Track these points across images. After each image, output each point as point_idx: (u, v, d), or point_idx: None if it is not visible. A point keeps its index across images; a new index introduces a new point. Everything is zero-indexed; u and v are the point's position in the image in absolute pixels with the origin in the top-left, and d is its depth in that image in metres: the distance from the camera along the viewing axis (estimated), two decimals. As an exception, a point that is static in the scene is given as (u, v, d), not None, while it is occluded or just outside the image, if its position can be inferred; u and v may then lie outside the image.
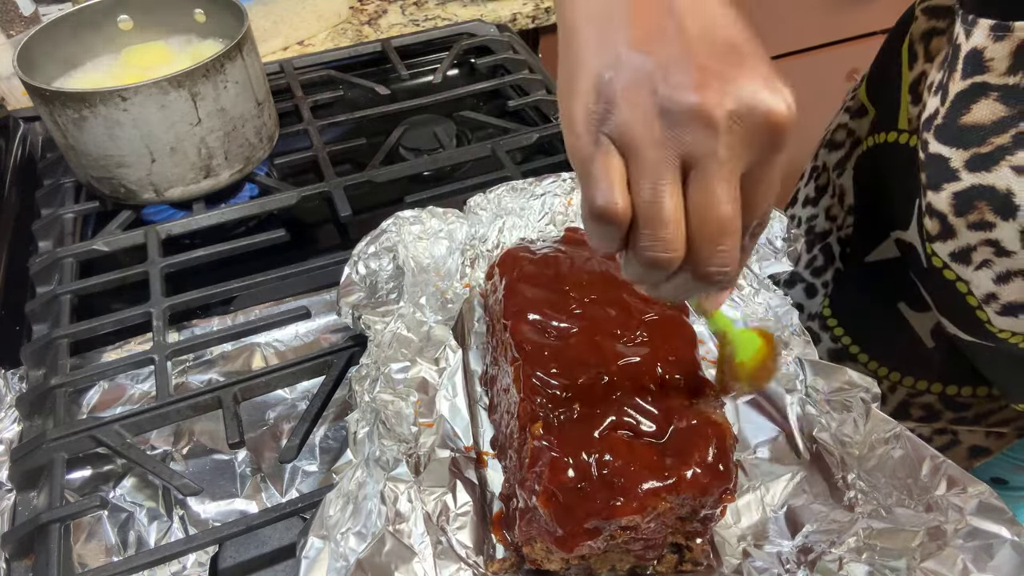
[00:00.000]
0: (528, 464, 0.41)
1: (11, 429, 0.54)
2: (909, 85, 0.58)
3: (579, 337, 0.47)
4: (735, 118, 0.28)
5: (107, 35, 0.75)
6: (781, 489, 0.47)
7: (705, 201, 0.29)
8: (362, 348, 0.53)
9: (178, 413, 0.53)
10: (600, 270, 0.52)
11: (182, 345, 0.57)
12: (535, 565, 0.43)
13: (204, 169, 0.70)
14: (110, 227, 0.69)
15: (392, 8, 1.16)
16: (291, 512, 0.47)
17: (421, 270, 0.59)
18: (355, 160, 0.82)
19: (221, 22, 0.75)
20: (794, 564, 0.43)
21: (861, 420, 0.47)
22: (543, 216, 0.64)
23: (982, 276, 0.49)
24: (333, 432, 0.55)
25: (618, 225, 0.30)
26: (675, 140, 0.28)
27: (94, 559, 0.48)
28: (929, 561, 0.40)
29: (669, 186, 0.29)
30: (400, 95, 0.88)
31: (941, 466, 0.43)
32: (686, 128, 0.28)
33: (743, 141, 0.28)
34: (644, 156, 0.29)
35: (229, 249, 0.67)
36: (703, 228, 0.29)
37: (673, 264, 0.30)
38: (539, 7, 1.14)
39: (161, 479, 0.50)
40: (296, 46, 1.06)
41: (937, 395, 0.61)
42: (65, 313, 0.61)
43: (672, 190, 0.29)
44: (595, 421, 0.41)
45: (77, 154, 0.67)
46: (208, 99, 0.66)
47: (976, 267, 0.49)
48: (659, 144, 0.28)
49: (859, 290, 0.67)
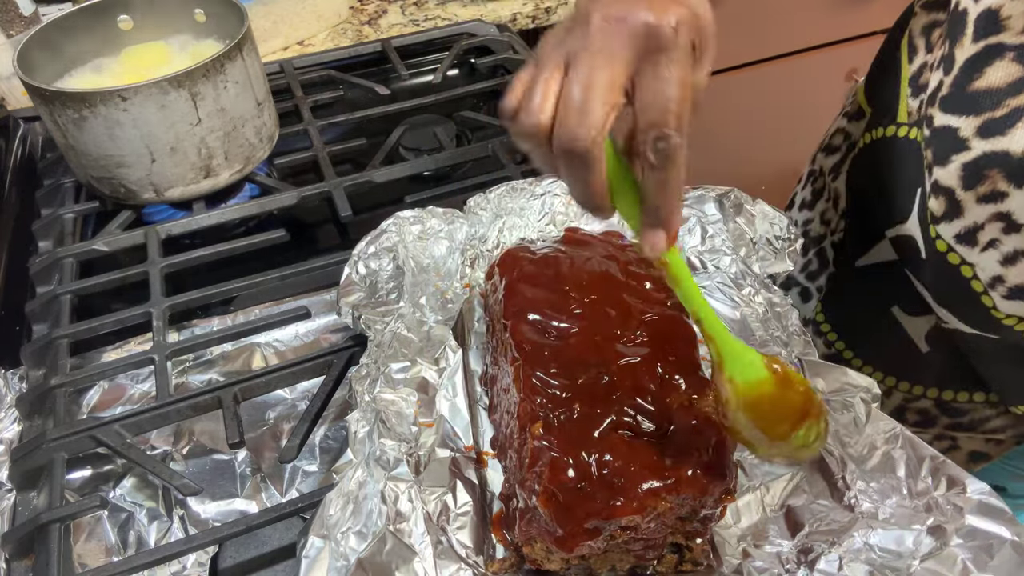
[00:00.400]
0: (528, 464, 0.41)
1: (11, 429, 0.54)
2: (909, 78, 0.58)
3: (579, 337, 0.47)
4: (613, 20, 0.33)
5: (107, 35, 0.75)
6: (781, 489, 0.47)
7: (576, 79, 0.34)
8: (362, 348, 0.53)
9: (178, 413, 0.53)
10: (600, 270, 0.52)
11: (182, 345, 0.57)
12: (535, 565, 0.43)
13: (204, 169, 0.70)
14: (110, 227, 0.69)
15: (392, 8, 1.16)
16: (291, 512, 0.47)
17: (421, 270, 0.59)
18: (355, 160, 0.82)
19: (221, 22, 0.75)
20: (794, 564, 0.43)
21: (861, 420, 0.47)
22: (543, 216, 0.64)
23: (988, 258, 0.48)
24: (333, 432, 0.55)
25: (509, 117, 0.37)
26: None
27: (94, 559, 0.48)
28: (929, 561, 0.40)
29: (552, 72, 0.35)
30: (400, 95, 0.88)
31: (941, 466, 0.43)
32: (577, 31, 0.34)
33: (621, 41, 0.33)
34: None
35: (229, 249, 0.67)
36: (567, 102, 0.34)
37: (539, 130, 0.35)
38: (539, 7, 1.14)
39: (161, 479, 0.50)
40: (296, 46, 1.06)
41: (933, 400, 0.61)
42: (65, 313, 0.61)
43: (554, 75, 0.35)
44: (595, 421, 0.42)
45: (77, 154, 0.67)
46: (208, 99, 0.66)
47: (983, 248, 0.48)
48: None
49: (852, 294, 0.67)
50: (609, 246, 0.55)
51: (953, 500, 0.42)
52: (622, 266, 0.52)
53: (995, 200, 0.46)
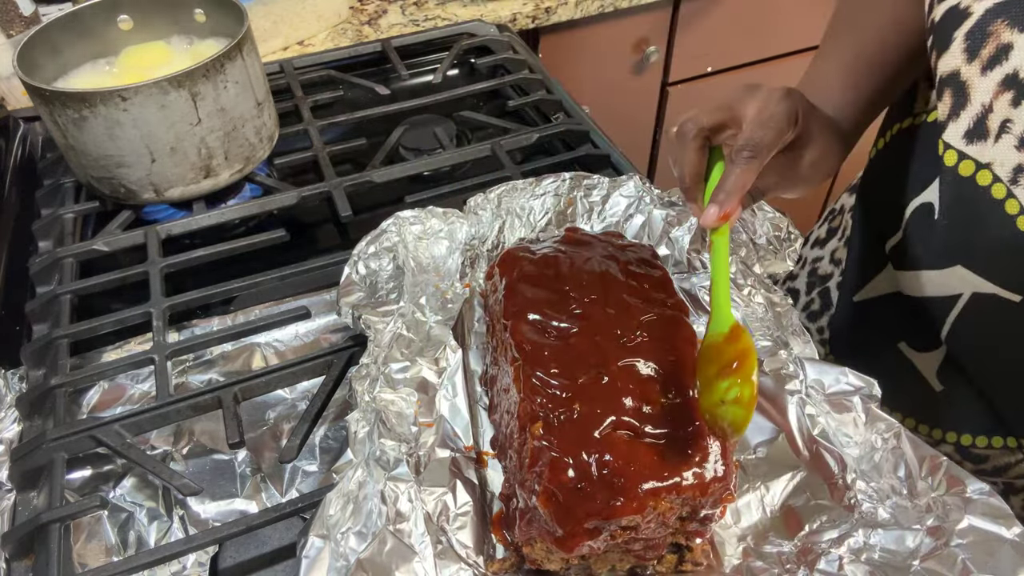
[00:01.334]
0: (528, 464, 0.41)
1: (11, 429, 0.54)
2: (926, 74, 0.57)
3: (579, 337, 0.47)
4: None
5: (107, 35, 0.75)
6: (781, 489, 0.47)
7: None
8: (362, 348, 0.53)
9: (178, 413, 0.53)
10: (600, 270, 0.52)
11: (182, 345, 0.57)
12: (535, 565, 0.43)
13: (204, 169, 0.70)
14: (110, 227, 0.69)
15: (392, 8, 1.16)
16: (291, 512, 0.47)
17: (421, 270, 0.59)
18: (355, 160, 0.82)
19: (221, 22, 0.75)
20: (794, 564, 0.43)
21: (861, 420, 0.47)
22: (543, 216, 0.64)
23: (1003, 148, 0.45)
24: (333, 432, 0.55)
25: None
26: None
27: (94, 559, 0.48)
28: (929, 561, 0.40)
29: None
30: (400, 95, 0.88)
31: (941, 466, 0.43)
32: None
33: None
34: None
35: (229, 249, 0.67)
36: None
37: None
38: (539, 7, 1.14)
39: (161, 479, 0.50)
40: (296, 46, 1.07)
41: (952, 445, 0.59)
42: (65, 313, 0.61)
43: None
44: (595, 421, 0.41)
45: (77, 154, 0.67)
46: (208, 99, 0.66)
47: (995, 138, 0.45)
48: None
49: (857, 332, 0.66)
50: (609, 246, 0.55)
51: (953, 500, 0.42)
52: (622, 266, 0.52)
53: (1000, 60, 0.44)
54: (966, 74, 0.46)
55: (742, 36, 1.44)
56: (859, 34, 0.60)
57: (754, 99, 0.52)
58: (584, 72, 1.32)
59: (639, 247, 0.55)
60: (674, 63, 1.41)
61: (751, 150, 0.50)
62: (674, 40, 1.37)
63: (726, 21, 1.40)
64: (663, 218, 0.62)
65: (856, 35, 0.60)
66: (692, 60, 1.42)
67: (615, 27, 1.29)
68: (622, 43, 1.33)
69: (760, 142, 0.50)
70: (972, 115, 0.46)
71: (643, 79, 1.40)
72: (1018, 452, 0.56)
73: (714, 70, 1.46)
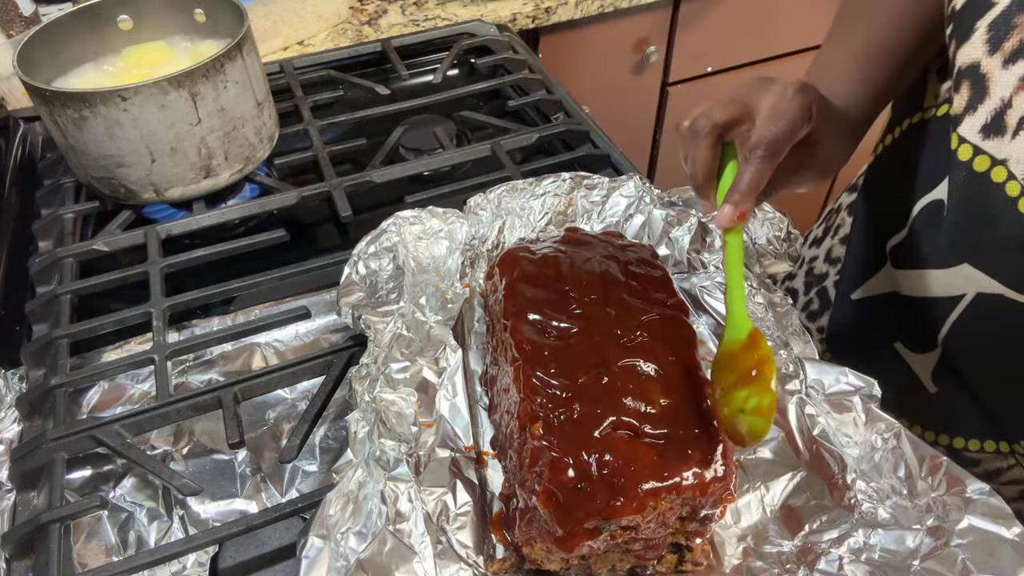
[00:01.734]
0: (528, 464, 0.41)
1: (11, 429, 0.54)
2: (937, 68, 0.57)
3: (579, 337, 0.47)
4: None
5: (107, 35, 0.75)
6: (781, 489, 0.47)
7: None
8: (362, 348, 0.53)
9: (178, 413, 0.53)
10: (600, 270, 0.52)
11: (182, 345, 0.57)
12: (535, 565, 0.43)
13: (204, 169, 0.70)
14: (110, 227, 0.69)
15: (392, 8, 1.16)
16: (291, 512, 0.47)
17: (421, 270, 0.59)
18: (355, 160, 0.82)
19: (221, 22, 0.75)
20: (794, 564, 0.43)
21: (861, 420, 0.47)
22: (543, 216, 0.64)
23: (1020, 144, 0.43)
24: (333, 432, 0.55)
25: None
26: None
27: (94, 559, 0.48)
28: (929, 561, 0.40)
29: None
30: (400, 95, 0.88)
31: (941, 466, 0.43)
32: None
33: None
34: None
35: (229, 249, 0.67)
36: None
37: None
38: (539, 7, 1.14)
39: (161, 479, 0.50)
40: (296, 46, 1.07)
41: (945, 447, 0.59)
42: (65, 313, 0.61)
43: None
44: (595, 421, 0.41)
45: (77, 154, 0.67)
46: (208, 99, 0.66)
47: (1013, 134, 0.43)
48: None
49: (854, 330, 0.66)
50: (609, 246, 0.55)
51: (953, 500, 0.42)
52: (622, 266, 0.52)
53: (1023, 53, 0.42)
54: (987, 66, 0.44)
55: (742, 36, 1.44)
56: (869, 23, 0.58)
57: (768, 93, 0.50)
58: (584, 72, 1.32)
59: (639, 247, 0.55)
60: (674, 63, 1.41)
61: (766, 148, 0.48)
62: (674, 40, 1.38)
63: (726, 21, 1.40)
64: (663, 218, 0.62)
65: (866, 24, 0.58)
66: (692, 60, 1.42)
67: (615, 27, 1.29)
68: (622, 43, 1.33)
69: (775, 139, 0.48)
70: (990, 109, 0.44)
71: (643, 79, 1.40)
72: (1010, 457, 0.56)
73: (714, 70, 1.46)
